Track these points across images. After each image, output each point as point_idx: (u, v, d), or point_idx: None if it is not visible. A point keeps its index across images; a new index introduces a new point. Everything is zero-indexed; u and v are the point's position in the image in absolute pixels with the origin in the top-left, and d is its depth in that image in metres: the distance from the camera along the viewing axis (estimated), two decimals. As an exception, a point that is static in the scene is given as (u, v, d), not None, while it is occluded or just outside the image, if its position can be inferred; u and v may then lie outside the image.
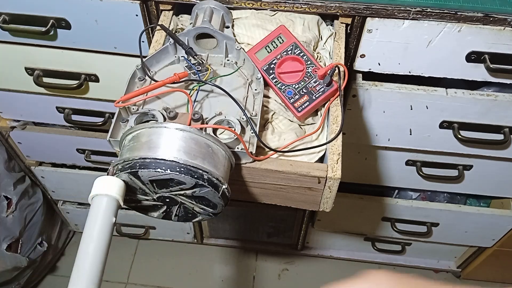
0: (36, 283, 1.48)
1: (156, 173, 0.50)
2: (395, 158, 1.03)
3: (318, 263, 1.54)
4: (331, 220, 1.27)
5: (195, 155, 0.52)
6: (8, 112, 1.11)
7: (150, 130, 0.53)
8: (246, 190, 0.66)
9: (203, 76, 0.65)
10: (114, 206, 0.48)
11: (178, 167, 0.50)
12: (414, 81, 0.85)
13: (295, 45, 0.70)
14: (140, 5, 0.77)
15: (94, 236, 0.45)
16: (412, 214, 1.19)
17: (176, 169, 0.50)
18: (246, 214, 1.33)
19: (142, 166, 0.50)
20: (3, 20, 0.83)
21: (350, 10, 0.74)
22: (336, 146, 0.62)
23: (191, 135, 0.53)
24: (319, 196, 0.64)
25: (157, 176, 0.51)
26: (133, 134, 0.54)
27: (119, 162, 0.52)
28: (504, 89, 0.87)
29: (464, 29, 0.74)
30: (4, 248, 1.22)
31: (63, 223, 1.52)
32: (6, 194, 1.21)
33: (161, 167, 0.50)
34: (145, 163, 0.50)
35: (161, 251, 1.56)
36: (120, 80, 0.65)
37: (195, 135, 0.53)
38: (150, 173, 0.50)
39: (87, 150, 1.18)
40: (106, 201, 0.48)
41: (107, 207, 0.47)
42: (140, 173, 0.50)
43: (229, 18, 0.74)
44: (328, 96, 0.67)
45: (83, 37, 0.85)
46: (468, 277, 1.45)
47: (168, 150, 0.51)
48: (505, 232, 1.20)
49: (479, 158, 0.99)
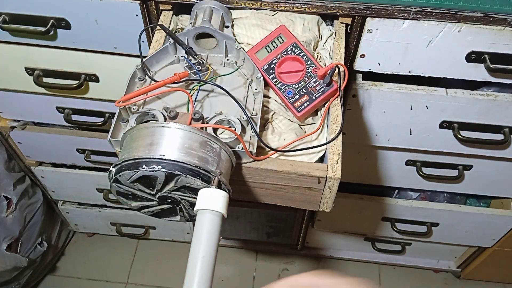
0: (36, 283, 1.48)
1: (156, 173, 0.50)
2: (395, 158, 1.03)
3: (318, 263, 1.54)
4: (331, 220, 1.27)
5: (196, 154, 0.52)
6: (8, 112, 1.11)
7: (151, 130, 0.53)
8: (246, 190, 0.66)
9: (204, 76, 0.65)
10: (218, 221, 0.48)
11: (179, 167, 0.50)
12: (414, 81, 0.85)
13: (295, 45, 0.70)
14: (140, 5, 0.77)
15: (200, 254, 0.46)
16: (412, 214, 1.19)
17: (178, 169, 0.50)
18: (246, 214, 1.33)
19: (143, 165, 0.50)
20: (3, 20, 0.83)
21: (350, 10, 0.74)
22: (336, 146, 0.62)
23: (192, 135, 0.53)
24: (319, 196, 0.64)
25: (155, 175, 0.51)
26: (133, 134, 0.54)
27: (120, 162, 0.52)
28: (504, 89, 0.87)
29: (464, 29, 0.74)
30: (4, 248, 1.22)
31: (63, 223, 1.52)
32: (6, 194, 1.21)
33: (162, 167, 0.50)
34: (146, 163, 0.50)
35: (161, 251, 1.56)
36: (120, 80, 0.65)
37: (196, 134, 0.53)
38: (150, 173, 0.50)
39: (87, 150, 1.18)
40: (209, 217, 0.48)
41: (211, 222, 0.48)
42: (141, 173, 0.51)
43: (228, 17, 0.74)
44: (328, 96, 0.67)
45: (83, 37, 0.85)
46: (468, 277, 1.45)
47: (169, 150, 0.51)
48: (505, 232, 1.20)
49: (479, 158, 0.99)
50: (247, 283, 1.52)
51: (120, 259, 1.56)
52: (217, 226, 0.47)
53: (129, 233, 1.47)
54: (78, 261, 1.55)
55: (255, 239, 1.47)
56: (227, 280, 1.52)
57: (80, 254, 1.57)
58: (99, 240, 1.59)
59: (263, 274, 1.53)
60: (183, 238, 1.50)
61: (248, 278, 1.52)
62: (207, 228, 0.47)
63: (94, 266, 1.54)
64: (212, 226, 0.47)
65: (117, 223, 1.44)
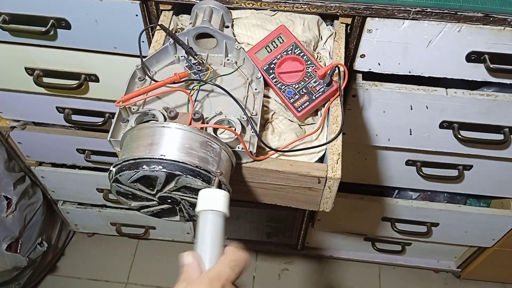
0: (36, 283, 1.48)
1: (157, 173, 0.50)
2: (395, 158, 1.03)
3: (318, 263, 1.54)
4: (331, 220, 1.27)
5: (196, 154, 0.52)
6: (8, 112, 1.11)
7: (151, 130, 0.53)
8: (246, 190, 0.66)
9: (204, 76, 0.65)
10: (222, 221, 0.48)
11: (179, 167, 0.50)
12: (414, 81, 0.85)
13: (295, 45, 0.70)
14: (140, 5, 0.77)
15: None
16: (412, 214, 1.19)
17: (178, 169, 0.50)
18: (246, 214, 1.33)
19: (143, 165, 0.50)
20: (3, 20, 0.83)
21: (350, 10, 0.74)
22: (336, 146, 0.62)
23: (192, 135, 0.53)
24: (319, 196, 0.64)
25: (156, 175, 0.51)
26: (133, 134, 0.54)
27: (120, 162, 0.52)
28: (504, 89, 0.87)
29: (464, 29, 0.74)
30: (4, 248, 1.22)
31: (63, 223, 1.52)
32: (6, 194, 1.21)
33: (163, 167, 0.50)
34: (146, 163, 0.50)
35: (161, 251, 1.56)
36: (120, 80, 0.65)
37: (196, 134, 0.53)
38: (151, 173, 0.50)
39: (87, 150, 1.18)
40: (213, 217, 0.47)
41: (214, 223, 0.47)
42: (141, 173, 0.51)
43: (228, 17, 0.74)
44: (328, 96, 0.67)
45: (83, 37, 0.85)
46: (468, 277, 1.45)
47: (169, 150, 0.51)
48: (505, 232, 1.20)
49: (479, 158, 0.99)
50: (247, 283, 1.51)
51: (120, 259, 1.56)
52: (221, 227, 0.47)
53: (129, 233, 1.47)
54: (78, 261, 1.55)
55: (255, 239, 1.47)
56: (227, 280, 1.52)
57: (80, 254, 1.57)
58: (99, 240, 1.59)
59: (263, 274, 1.53)
60: (183, 238, 1.49)
61: (248, 278, 1.52)
62: (211, 229, 0.46)
63: (94, 266, 1.54)
64: (216, 226, 0.47)
65: (117, 223, 1.44)
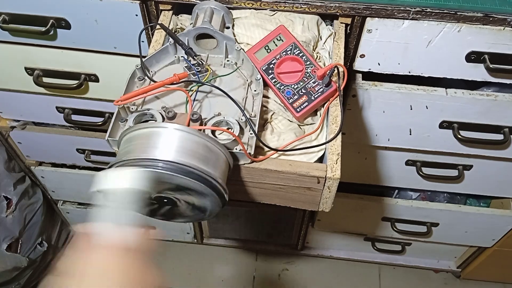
0: (36, 283, 1.48)
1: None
2: (395, 158, 1.03)
3: (318, 263, 1.54)
4: (331, 220, 1.27)
5: (193, 156, 0.52)
6: (8, 112, 1.11)
7: (149, 130, 0.53)
8: (245, 190, 0.66)
9: (203, 77, 0.65)
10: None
11: (176, 168, 0.50)
12: (414, 81, 0.85)
13: (295, 45, 0.70)
14: (140, 5, 0.77)
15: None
16: (412, 214, 1.19)
17: (174, 170, 0.50)
18: (246, 214, 1.32)
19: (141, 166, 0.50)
20: (3, 20, 0.83)
21: (350, 10, 0.74)
22: (335, 146, 0.62)
23: (189, 136, 0.53)
24: (318, 196, 0.64)
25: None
26: (131, 134, 0.54)
27: (117, 162, 0.52)
28: (504, 89, 0.87)
29: (464, 29, 0.74)
30: (4, 248, 1.22)
31: (63, 223, 1.52)
32: (6, 194, 1.21)
33: (159, 167, 0.50)
34: (142, 163, 0.50)
35: (161, 251, 1.56)
36: (120, 80, 0.65)
37: (193, 135, 0.53)
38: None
39: (87, 150, 1.18)
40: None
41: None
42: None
43: (229, 18, 0.74)
44: (327, 97, 0.67)
45: (83, 37, 0.85)
46: (468, 277, 1.45)
47: (166, 151, 0.51)
48: (505, 232, 1.20)
49: (479, 158, 0.99)
50: (247, 283, 1.52)
51: (120, 259, 1.55)
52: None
53: (129, 233, 1.47)
54: (78, 261, 1.55)
55: (255, 239, 1.47)
56: (227, 280, 1.52)
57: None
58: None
59: (263, 274, 1.53)
60: (183, 238, 1.49)
61: (248, 278, 1.52)
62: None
63: (94, 266, 1.54)
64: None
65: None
